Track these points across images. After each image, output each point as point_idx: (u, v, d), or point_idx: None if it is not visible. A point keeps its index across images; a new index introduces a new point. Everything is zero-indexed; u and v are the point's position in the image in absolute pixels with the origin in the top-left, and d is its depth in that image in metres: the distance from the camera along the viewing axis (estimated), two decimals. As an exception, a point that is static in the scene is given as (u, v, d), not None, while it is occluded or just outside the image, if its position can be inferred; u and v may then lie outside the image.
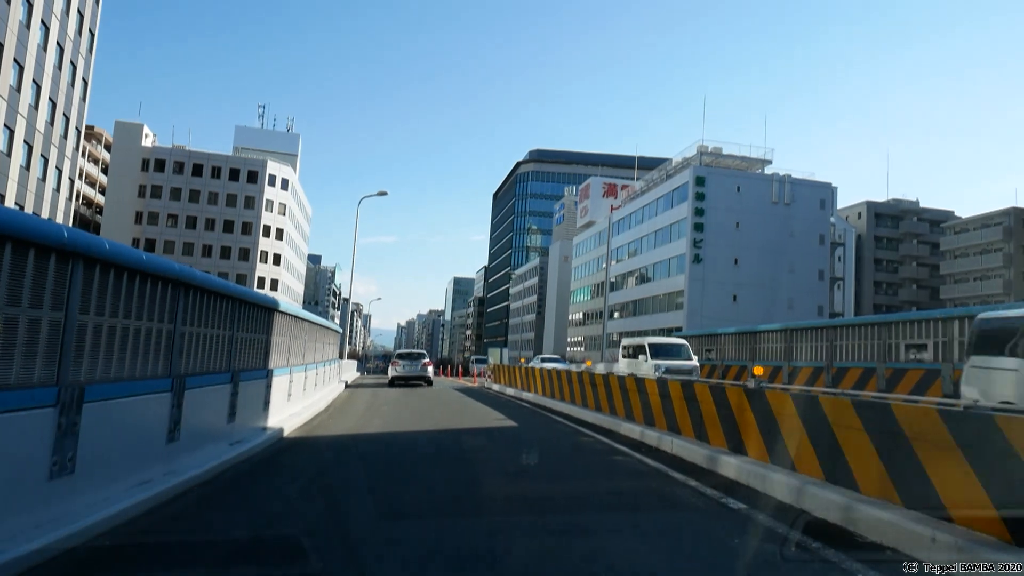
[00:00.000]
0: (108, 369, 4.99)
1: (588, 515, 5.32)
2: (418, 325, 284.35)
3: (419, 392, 21.51)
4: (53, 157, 35.00)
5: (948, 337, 13.81)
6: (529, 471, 7.41)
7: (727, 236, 56.37)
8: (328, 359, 19.26)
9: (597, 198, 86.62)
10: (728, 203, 56.68)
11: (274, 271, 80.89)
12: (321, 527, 4.83)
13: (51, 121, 34.47)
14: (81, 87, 38.81)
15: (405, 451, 8.91)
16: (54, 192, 35.77)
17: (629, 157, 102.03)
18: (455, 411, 14.71)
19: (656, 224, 63.34)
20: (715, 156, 60.49)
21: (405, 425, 11.74)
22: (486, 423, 12.37)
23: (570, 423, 12.45)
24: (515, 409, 15.54)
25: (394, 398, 18.49)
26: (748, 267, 56.60)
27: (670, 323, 58.96)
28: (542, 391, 17.22)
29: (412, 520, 5.04)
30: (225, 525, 4.90)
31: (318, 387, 15.85)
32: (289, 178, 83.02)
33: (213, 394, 7.38)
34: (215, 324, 7.51)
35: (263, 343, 9.65)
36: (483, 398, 19.10)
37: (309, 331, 14.26)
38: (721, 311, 55.19)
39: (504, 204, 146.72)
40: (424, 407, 15.65)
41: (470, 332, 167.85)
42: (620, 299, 71.99)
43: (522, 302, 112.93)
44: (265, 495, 5.98)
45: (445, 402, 17.36)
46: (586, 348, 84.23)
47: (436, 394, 20.53)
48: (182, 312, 6.48)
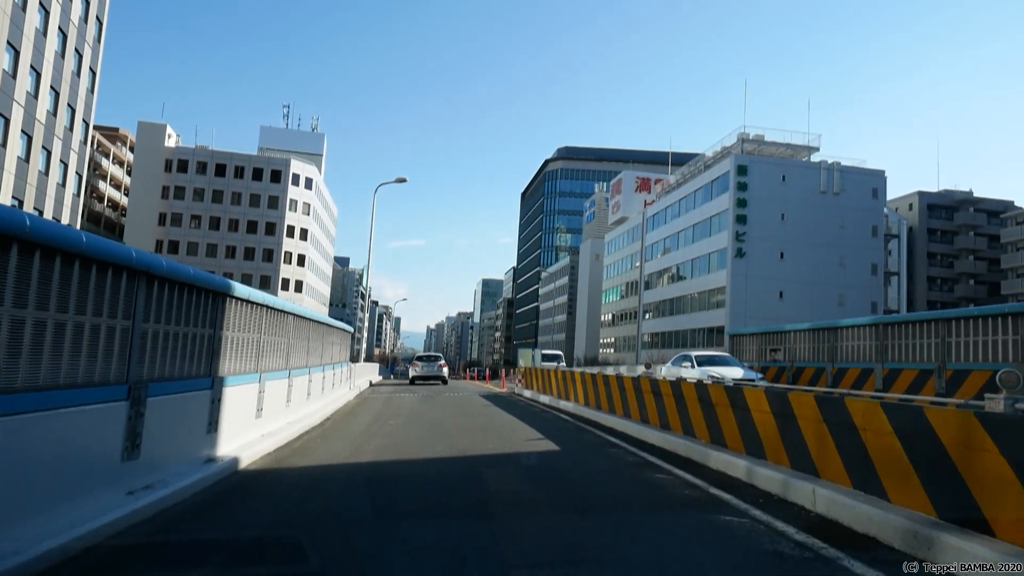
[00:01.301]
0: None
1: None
2: (447, 327, 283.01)
3: (439, 399, 18.75)
4: (57, 150, 33.08)
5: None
6: (591, 546, 4.51)
7: (772, 228, 52.71)
8: (333, 362, 16.59)
9: (630, 193, 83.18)
10: (772, 193, 53.03)
11: (299, 272, 79.14)
12: None
13: (54, 111, 32.55)
14: (89, 77, 36.96)
15: (396, 499, 6.05)
16: (59, 187, 33.87)
17: (662, 153, 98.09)
18: (478, 426, 11.84)
19: (694, 217, 59.85)
20: (757, 144, 56.81)
21: (411, 449, 8.93)
22: (517, 445, 9.49)
23: (628, 446, 9.51)
24: (552, 424, 12.63)
25: (409, 407, 15.72)
26: (795, 261, 52.86)
27: (710, 322, 55.43)
28: (584, 399, 14.30)
29: None
30: None
31: (314, 396, 13.14)
32: (313, 177, 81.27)
33: (79, 419, 4.62)
34: (91, 309, 4.76)
35: (203, 340, 6.90)
36: (512, 408, 16.23)
37: (298, 328, 11.53)
38: (766, 308, 51.61)
39: (532, 203, 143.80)
40: (441, 420, 12.83)
41: (499, 334, 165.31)
42: (655, 297, 68.55)
43: (552, 302, 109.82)
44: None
45: (467, 413, 14.52)
46: (616, 349, 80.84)
47: (458, 402, 17.73)
48: None
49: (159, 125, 76.06)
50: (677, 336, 62.59)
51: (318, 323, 13.63)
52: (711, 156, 61.17)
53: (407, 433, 10.72)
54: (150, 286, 5.62)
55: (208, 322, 7.02)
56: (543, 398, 17.72)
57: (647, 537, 4.75)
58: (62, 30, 32.67)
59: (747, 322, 52.19)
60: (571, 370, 15.98)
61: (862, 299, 52.85)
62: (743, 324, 52.10)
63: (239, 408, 7.95)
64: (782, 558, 4.13)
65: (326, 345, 15.00)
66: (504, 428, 11.59)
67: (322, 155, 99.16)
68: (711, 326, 55.19)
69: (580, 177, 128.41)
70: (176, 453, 6.19)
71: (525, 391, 20.75)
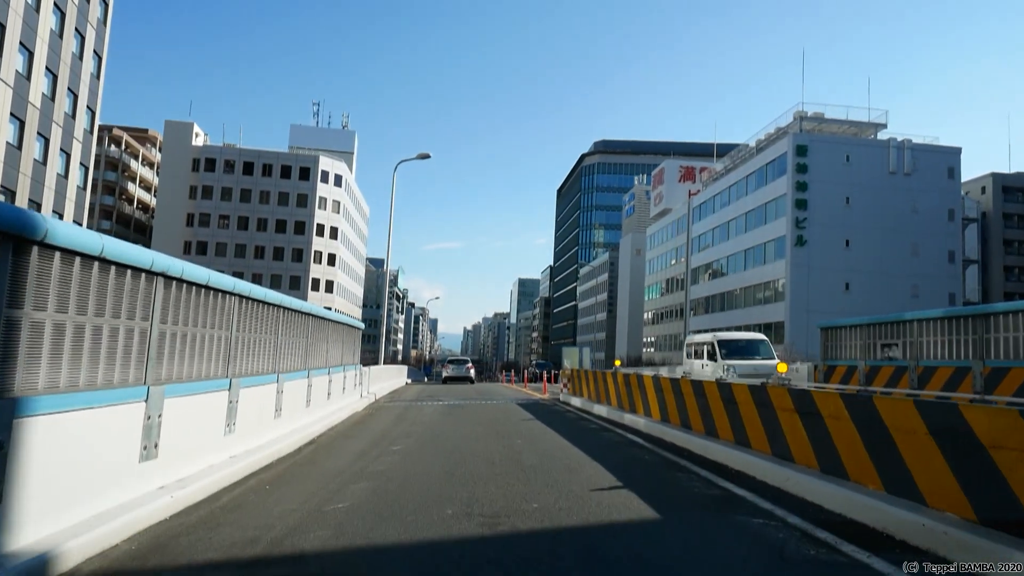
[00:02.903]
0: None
1: None
2: (483, 328, 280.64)
3: (467, 410, 15.14)
4: (56, 137, 30.54)
5: None
6: None
7: (835, 214, 47.93)
8: (331, 365, 13.12)
9: (672, 183, 78.64)
10: (836, 175, 48.26)
11: (329, 272, 76.67)
12: None
13: (51, 96, 30.00)
14: (94, 62, 34.47)
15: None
16: (60, 178, 31.34)
17: (705, 144, 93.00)
18: (516, 460, 8.14)
19: (747, 204, 55.25)
20: (817, 122, 51.95)
21: (405, 510, 5.33)
22: (580, 505, 5.72)
23: (766, 503, 5.72)
24: (623, 454, 8.85)
25: (426, 424, 12.15)
26: (862, 249, 48.01)
27: (766, 317, 50.80)
28: (660, 413, 10.52)
29: None
30: None
31: (293, 412, 9.65)
32: (343, 174, 78.75)
33: None
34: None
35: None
36: (561, 424, 12.51)
37: (256, 319, 8.01)
38: (830, 302, 46.93)
39: (569, 200, 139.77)
40: (464, 446, 9.19)
41: (536, 334, 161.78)
42: (704, 292, 64.01)
43: (591, 300, 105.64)
44: None
45: (502, 432, 10.85)
46: (658, 349, 76.37)
47: (490, 415, 14.10)
48: None
49: (186, 124, 74.34)
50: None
51: (299, 313, 10.14)
52: (764, 138, 56.49)
53: (409, 471, 7.12)
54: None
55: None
56: (598, 408, 13.96)
57: None
58: (58, 7, 30.12)
59: (809, 317, 47.42)
60: (635, 372, 12.19)
61: (938, 290, 47.72)
62: (805, 319, 47.38)
63: (91, 449, 4.42)
64: None
65: (315, 344, 11.50)
66: (555, 463, 7.88)
67: (353, 153, 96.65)
68: (768, 321, 50.57)
69: (618, 171, 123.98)
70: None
71: (573, 398, 16.99)
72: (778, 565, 4.11)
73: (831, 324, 18.21)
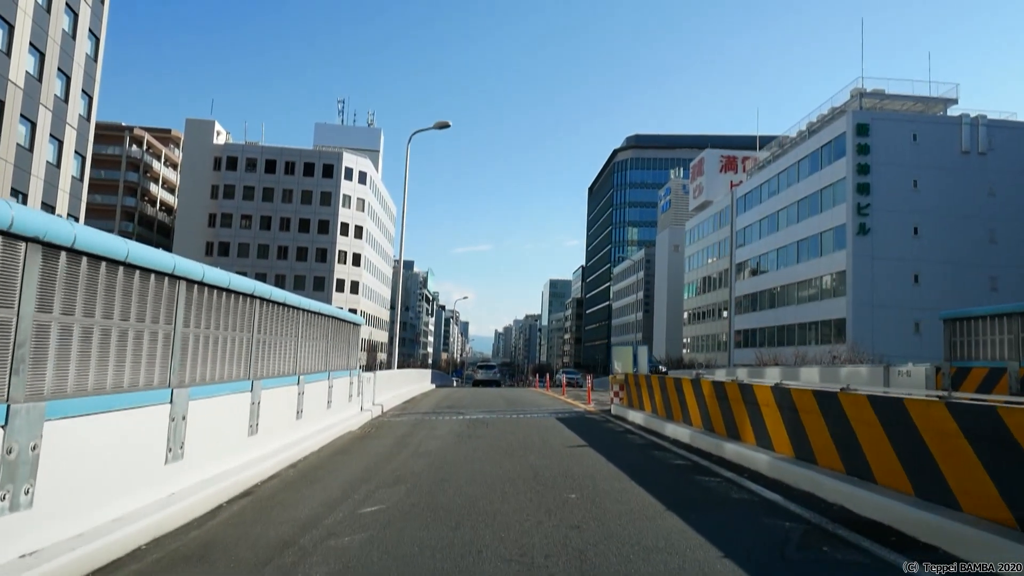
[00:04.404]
0: None
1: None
2: (515, 331, 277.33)
3: (492, 430, 11.57)
4: (44, 121, 27.87)
5: None
6: None
7: (902, 198, 43.26)
8: (316, 371, 9.69)
9: (713, 174, 74.15)
10: (901, 156, 43.59)
11: (354, 272, 73.95)
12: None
13: (38, 76, 27.34)
14: (90, 43, 31.84)
15: None
16: (50, 166, 28.68)
17: (745, 137, 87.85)
18: (574, 557, 4.54)
19: (799, 192, 50.75)
20: (878, 98, 47.25)
21: None
22: None
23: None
24: (765, 536, 5.19)
25: (432, 457, 8.55)
26: (932, 237, 43.25)
27: (825, 314, 46.26)
28: (794, 446, 6.80)
29: None
30: None
31: (231, 445, 6.20)
32: (367, 171, 75.99)
33: None
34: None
35: None
36: (635, 460, 8.75)
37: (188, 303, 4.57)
38: (898, 295, 42.36)
39: (601, 197, 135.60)
40: (481, 515, 5.57)
41: (568, 336, 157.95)
42: (750, 288, 59.55)
43: (626, 300, 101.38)
44: None
45: (542, 478, 7.14)
46: (695, 349, 71.94)
47: (523, 438, 10.50)
48: None
49: (207, 122, 72.35)
50: (779, 332, 53.50)
51: (261, 300, 6.69)
52: (817, 120, 51.93)
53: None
54: None
55: None
56: (672, 429, 10.24)
57: None
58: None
59: (874, 312, 42.90)
60: (735, 381, 8.43)
61: (1021, 282, 42.67)
62: (870, 313, 42.85)
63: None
64: None
65: (280, 341, 8.04)
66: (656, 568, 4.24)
67: (379, 151, 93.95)
68: (826, 319, 46.09)
69: (651, 167, 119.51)
70: None
71: (631, 412, 13.26)
72: None
73: (960, 314, 14.19)
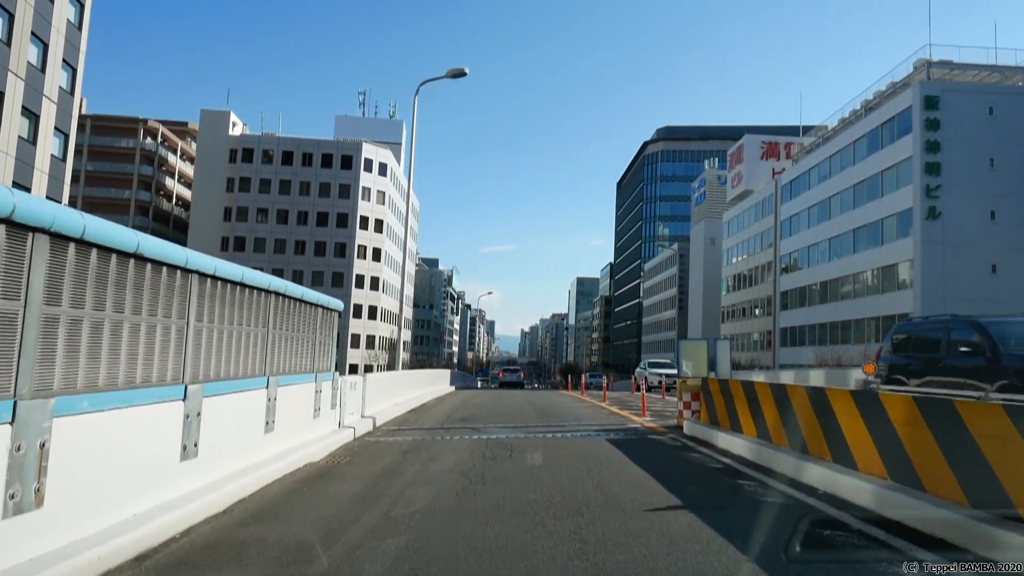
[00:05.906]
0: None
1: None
2: (541, 330, 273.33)
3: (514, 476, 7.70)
4: (15, 91, 24.83)
5: None
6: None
7: (977, 179, 38.57)
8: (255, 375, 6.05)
9: (754, 161, 69.50)
10: (976, 132, 38.89)
11: (374, 268, 70.80)
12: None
13: (6, 40, 24.30)
14: (73, 8, 28.81)
15: None
16: (23, 142, 25.64)
17: (784, 127, 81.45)
18: None
19: (854, 175, 46.17)
20: (948, 69, 42.49)
21: None
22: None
23: None
24: None
25: (399, 547, 4.86)
26: (1012, 222, 38.51)
27: (888, 308, 41.59)
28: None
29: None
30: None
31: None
32: (388, 162, 72.80)
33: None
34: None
35: None
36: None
37: None
38: (973, 287, 37.64)
39: (630, 192, 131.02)
40: None
41: (596, 335, 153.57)
42: (797, 282, 54.98)
43: (658, 297, 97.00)
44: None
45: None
46: (739, 348, 67.25)
47: (570, 485, 6.70)
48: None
49: (223, 112, 69.79)
50: (834, 330, 48.83)
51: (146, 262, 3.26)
52: (874, 97, 47.25)
53: None
54: None
55: None
56: (823, 474, 6.42)
57: None
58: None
59: (947, 306, 38.30)
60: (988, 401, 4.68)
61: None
62: (940, 309, 38.19)
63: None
64: None
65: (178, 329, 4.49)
66: None
67: (401, 144, 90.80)
68: (890, 314, 41.43)
69: (683, 159, 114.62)
70: None
71: (719, 433, 9.29)
72: None
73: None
